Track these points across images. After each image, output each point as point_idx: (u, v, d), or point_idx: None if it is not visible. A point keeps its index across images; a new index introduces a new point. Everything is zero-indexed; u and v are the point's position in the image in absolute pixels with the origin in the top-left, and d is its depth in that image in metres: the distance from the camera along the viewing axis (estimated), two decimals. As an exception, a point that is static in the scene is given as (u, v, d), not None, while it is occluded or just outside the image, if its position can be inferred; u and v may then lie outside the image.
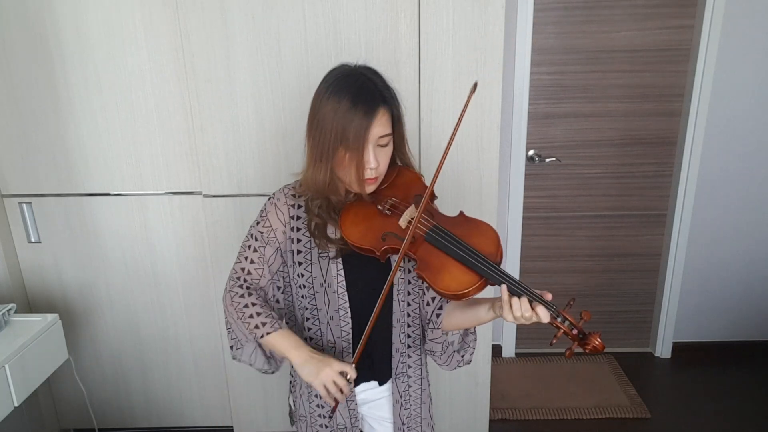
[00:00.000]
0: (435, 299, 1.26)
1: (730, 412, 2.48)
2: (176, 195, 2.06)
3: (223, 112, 1.88)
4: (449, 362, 1.32)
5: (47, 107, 1.96)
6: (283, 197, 1.24)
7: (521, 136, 2.59)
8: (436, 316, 1.25)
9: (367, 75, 1.13)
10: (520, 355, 2.94)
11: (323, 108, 1.11)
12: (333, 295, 1.22)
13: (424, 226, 1.13)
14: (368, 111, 1.08)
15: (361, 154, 1.09)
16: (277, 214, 1.23)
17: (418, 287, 1.27)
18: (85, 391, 2.18)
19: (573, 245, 2.80)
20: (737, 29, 2.43)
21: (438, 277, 1.07)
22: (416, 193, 1.20)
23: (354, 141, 1.08)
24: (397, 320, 1.27)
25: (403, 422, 1.37)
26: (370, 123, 1.08)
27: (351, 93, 1.08)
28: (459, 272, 1.07)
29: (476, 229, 1.14)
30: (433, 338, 1.28)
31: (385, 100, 1.12)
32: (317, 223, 1.20)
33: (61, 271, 2.15)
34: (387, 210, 1.17)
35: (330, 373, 1.13)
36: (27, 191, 2.06)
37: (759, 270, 2.79)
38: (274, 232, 1.22)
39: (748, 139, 2.59)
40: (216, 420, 2.36)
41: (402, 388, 1.34)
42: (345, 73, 1.14)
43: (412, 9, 1.77)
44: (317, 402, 1.33)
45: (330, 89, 1.11)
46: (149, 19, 1.87)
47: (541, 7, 2.45)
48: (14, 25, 1.88)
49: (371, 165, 1.11)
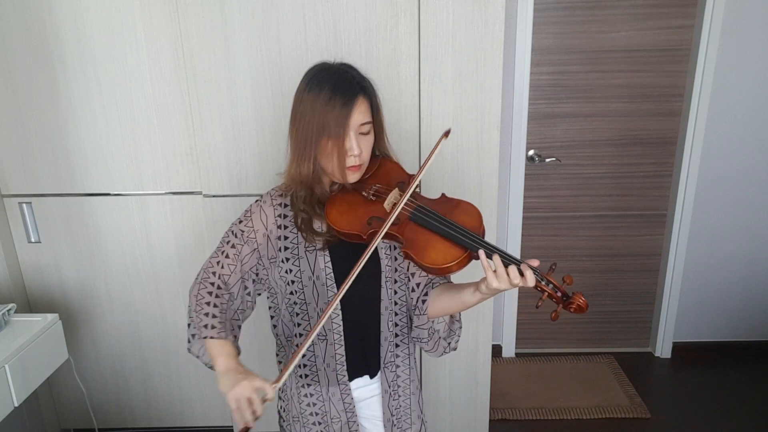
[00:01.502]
0: (420, 285, 1.28)
1: (730, 412, 2.48)
2: (176, 195, 2.06)
3: (223, 112, 1.88)
4: (436, 348, 1.34)
5: (47, 107, 1.96)
6: (270, 199, 1.27)
7: (521, 136, 2.59)
8: (421, 302, 1.27)
9: (343, 68, 1.19)
10: (520, 355, 2.94)
11: (304, 102, 1.15)
12: (322, 287, 1.24)
13: (409, 207, 1.17)
14: (347, 99, 1.12)
15: (342, 141, 1.13)
16: (261, 216, 1.25)
17: (403, 274, 1.29)
18: (85, 391, 2.18)
19: (573, 245, 2.80)
20: (737, 29, 2.43)
21: (424, 253, 1.11)
22: (399, 180, 1.24)
23: (335, 129, 1.12)
24: (385, 308, 1.29)
25: (392, 413, 1.38)
26: (350, 110, 1.13)
27: (329, 84, 1.13)
28: (444, 247, 1.11)
29: (458, 206, 1.20)
30: (420, 325, 1.30)
31: (363, 88, 1.16)
32: (303, 218, 1.22)
33: (61, 271, 2.15)
34: (372, 196, 1.21)
35: (247, 386, 1.04)
36: (27, 191, 2.06)
37: (759, 270, 2.79)
38: (254, 233, 1.24)
39: (748, 139, 2.59)
40: (216, 420, 2.36)
41: (390, 378, 1.36)
42: (322, 68, 1.19)
43: (412, 9, 1.77)
44: (308, 401, 1.34)
45: (309, 84, 1.16)
46: (149, 19, 1.87)
47: (541, 7, 2.45)
48: (14, 25, 1.88)
49: (354, 152, 1.15)
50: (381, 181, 1.24)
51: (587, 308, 1.10)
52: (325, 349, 1.28)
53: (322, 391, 1.32)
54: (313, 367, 1.30)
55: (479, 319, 2.08)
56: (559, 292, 1.10)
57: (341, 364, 1.29)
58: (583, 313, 1.11)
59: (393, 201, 1.19)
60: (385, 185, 1.23)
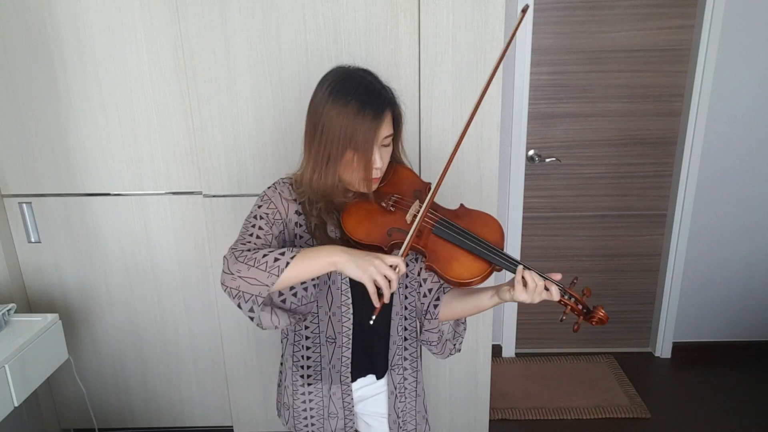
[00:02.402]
0: (432, 291, 1.28)
1: (730, 412, 2.48)
2: (176, 195, 2.06)
3: (223, 112, 1.88)
4: (443, 351, 1.35)
5: (47, 107, 1.96)
6: (287, 190, 1.21)
7: (521, 136, 2.59)
8: (433, 307, 1.28)
9: (366, 77, 1.15)
10: (520, 355, 2.94)
11: (328, 112, 1.10)
12: (336, 291, 1.23)
13: (431, 220, 1.17)
14: (377, 114, 1.10)
15: (369, 156, 1.11)
16: (281, 201, 1.19)
17: (414, 280, 1.29)
18: (85, 391, 2.18)
19: (573, 245, 2.80)
20: (737, 29, 2.43)
21: (449, 267, 1.12)
22: (415, 188, 1.23)
23: (363, 144, 1.09)
24: (396, 313, 1.30)
25: (398, 415, 1.39)
26: (379, 126, 1.10)
27: (357, 96, 1.09)
28: (468, 261, 1.13)
29: (479, 219, 1.21)
30: (430, 329, 1.30)
31: (390, 101, 1.14)
32: (317, 224, 1.20)
33: (61, 271, 2.15)
34: (391, 207, 1.20)
35: (381, 265, 1.02)
36: (27, 191, 2.06)
37: (759, 270, 2.79)
38: (279, 214, 1.18)
39: (748, 139, 2.59)
40: (216, 420, 2.36)
41: (397, 380, 1.37)
42: (344, 75, 1.15)
43: (412, 9, 1.77)
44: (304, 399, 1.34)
45: (333, 93, 1.11)
46: (149, 19, 1.87)
47: (541, 7, 2.45)
48: (14, 25, 1.88)
49: (378, 165, 1.14)
50: (397, 189, 1.23)
51: (608, 321, 1.14)
52: (333, 352, 1.28)
53: (323, 389, 1.33)
54: (318, 368, 1.31)
55: (479, 319, 2.08)
56: (581, 306, 1.14)
57: (346, 366, 1.30)
58: (604, 325, 1.14)
59: (414, 213, 1.18)
60: (402, 194, 1.22)
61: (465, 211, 1.23)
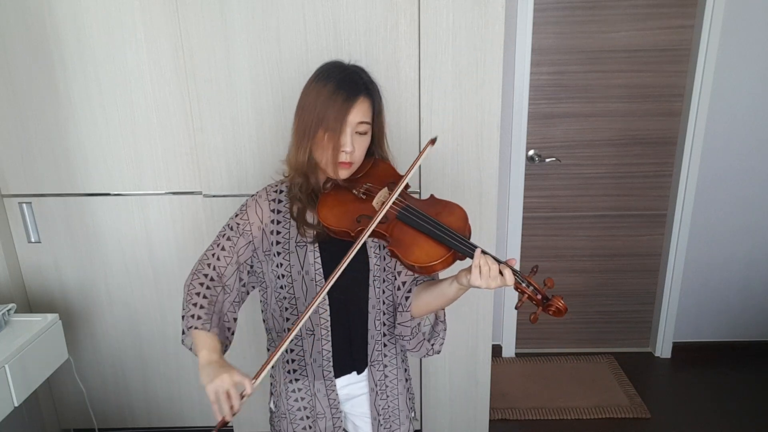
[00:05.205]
0: (405, 284, 1.30)
1: (730, 412, 2.48)
2: (176, 195, 2.06)
3: (223, 112, 1.88)
4: (419, 348, 1.35)
5: (47, 107, 1.96)
6: (265, 194, 1.30)
7: (521, 136, 2.59)
8: (405, 299, 1.30)
9: (353, 68, 1.22)
10: (520, 355, 2.94)
11: (309, 93, 1.19)
12: (311, 282, 1.25)
13: (397, 206, 1.19)
14: (349, 96, 1.15)
15: (338, 136, 1.16)
16: (256, 210, 1.27)
17: (391, 274, 1.31)
18: (85, 391, 2.18)
19: (573, 245, 2.80)
20: (737, 29, 2.43)
21: (409, 251, 1.14)
22: (390, 181, 1.27)
23: (333, 123, 1.15)
24: (373, 306, 1.31)
25: (378, 413, 1.39)
26: (350, 107, 1.15)
27: (336, 79, 1.17)
28: (429, 246, 1.15)
29: (445, 207, 1.23)
30: (402, 322, 1.31)
31: (368, 89, 1.20)
32: (299, 208, 1.25)
33: (61, 271, 2.15)
34: (362, 194, 1.24)
35: (226, 380, 1.07)
36: (27, 191, 2.06)
37: (759, 270, 2.79)
38: (250, 226, 1.26)
39: (748, 139, 2.59)
40: (216, 420, 2.35)
41: (378, 377, 1.37)
42: (334, 64, 1.23)
43: (412, 9, 1.77)
44: (295, 397, 1.35)
45: (317, 77, 1.20)
46: (149, 19, 1.87)
47: (541, 7, 2.45)
48: (14, 25, 1.88)
49: (347, 148, 1.17)
50: (372, 180, 1.27)
51: (566, 311, 1.12)
52: (313, 344, 1.30)
53: (310, 385, 1.33)
54: (302, 362, 1.32)
55: (479, 319, 2.08)
56: (539, 295, 1.13)
57: (327, 360, 1.31)
58: (562, 316, 1.12)
59: (381, 200, 1.21)
60: (376, 184, 1.25)
61: (434, 200, 1.26)
